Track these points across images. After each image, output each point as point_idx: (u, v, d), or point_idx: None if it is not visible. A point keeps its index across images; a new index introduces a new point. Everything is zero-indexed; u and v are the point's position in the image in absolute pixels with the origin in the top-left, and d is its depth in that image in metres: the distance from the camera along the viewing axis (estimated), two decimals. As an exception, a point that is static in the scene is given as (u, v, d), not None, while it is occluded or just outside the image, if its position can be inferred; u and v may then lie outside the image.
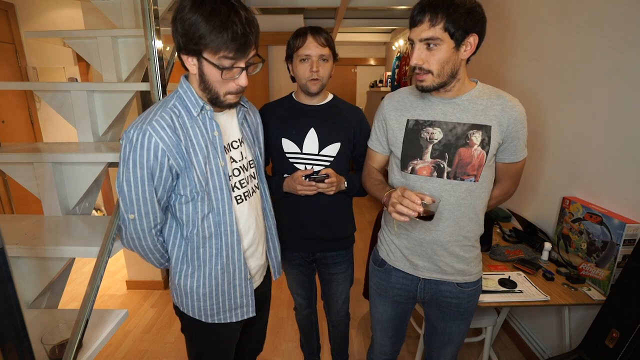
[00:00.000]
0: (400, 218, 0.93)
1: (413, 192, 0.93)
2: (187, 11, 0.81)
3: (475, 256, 1.15)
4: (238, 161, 1.04)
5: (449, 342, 1.23)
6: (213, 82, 0.89)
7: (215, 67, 0.85)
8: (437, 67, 0.96)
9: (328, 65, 1.29)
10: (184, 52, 0.87)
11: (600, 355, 1.25)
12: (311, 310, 1.69)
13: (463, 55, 0.97)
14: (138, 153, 0.85)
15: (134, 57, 1.55)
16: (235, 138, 1.04)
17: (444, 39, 0.93)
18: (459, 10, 0.90)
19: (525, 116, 1.03)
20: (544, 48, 1.86)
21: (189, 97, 0.92)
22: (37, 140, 3.41)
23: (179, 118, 0.90)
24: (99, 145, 1.38)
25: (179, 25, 0.83)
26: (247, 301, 1.08)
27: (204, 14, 0.80)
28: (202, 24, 0.80)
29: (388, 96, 1.18)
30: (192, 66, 0.88)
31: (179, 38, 0.85)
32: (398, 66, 4.54)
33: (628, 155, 1.40)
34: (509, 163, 1.08)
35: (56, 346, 0.89)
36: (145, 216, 0.92)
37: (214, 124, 0.95)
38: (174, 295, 1.07)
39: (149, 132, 0.84)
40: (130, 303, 2.53)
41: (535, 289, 1.42)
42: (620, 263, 1.38)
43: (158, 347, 2.09)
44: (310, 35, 1.24)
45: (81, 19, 2.03)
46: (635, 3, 1.35)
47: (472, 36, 0.94)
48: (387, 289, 1.22)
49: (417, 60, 0.97)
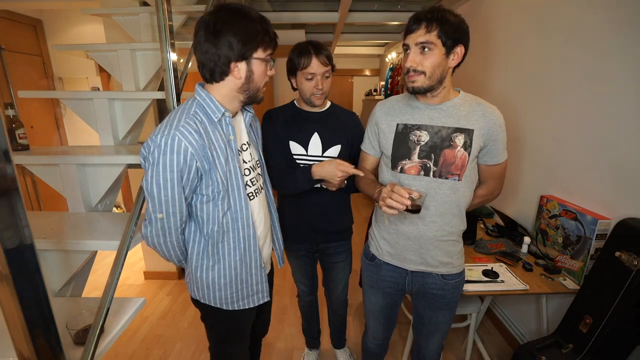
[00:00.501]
0: (389, 211, 0.94)
1: (402, 188, 0.94)
2: (234, 19, 0.85)
3: (459, 250, 1.14)
4: (248, 162, 1.04)
5: (436, 331, 1.23)
6: (258, 78, 0.93)
7: (264, 62, 0.92)
8: (429, 69, 0.97)
9: (329, 81, 1.31)
10: (235, 59, 0.87)
11: (574, 339, 1.25)
12: (313, 297, 1.70)
13: (451, 63, 0.98)
14: (168, 157, 0.83)
15: (151, 68, 1.55)
16: (245, 141, 1.05)
17: (437, 44, 0.95)
18: (450, 22, 0.93)
19: (503, 121, 1.04)
20: (524, 59, 1.86)
21: (209, 104, 0.92)
22: (63, 144, 3.41)
23: (202, 124, 0.89)
24: (119, 148, 1.38)
25: (230, 35, 0.84)
26: (262, 287, 1.09)
27: (252, 19, 0.86)
28: (257, 25, 0.86)
29: (380, 103, 1.19)
30: (241, 71, 0.90)
31: (233, 46, 0.85)
32: (391, 76, 4.54)
33: (600, 156, 1.40)
34: (491, 165, 1.08)
35: (80, 331, 0.89)
36: (173, 216, 0.90)
37: (229, 129, 0.95)
38: (194, 290, 1.05)
39: (178, 137, 0.83)
40: (148, 292, 2.53)
41: (515, 279, 1.42)
42: (593, 256, 1.38)
43: (173, 332, 2.09)
44: (315, 57, 1.23)
45: (103, 34, 2.03)
46: (604, 20, 1.35)
47: (460, 47, 0.96)
48: (378, 281, 1.22)
49: (412, 63, 0.98)
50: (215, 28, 0.84)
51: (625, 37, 1.28)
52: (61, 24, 3.29)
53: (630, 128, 1.26)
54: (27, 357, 0.63)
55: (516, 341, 1.89)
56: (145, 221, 0.93)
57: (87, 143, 2.74)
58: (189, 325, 2.14)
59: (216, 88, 0.93)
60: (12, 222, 0.56)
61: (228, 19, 0.84)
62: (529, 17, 1.81)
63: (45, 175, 1.28)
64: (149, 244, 0.96)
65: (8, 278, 0.57)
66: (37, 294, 0.62)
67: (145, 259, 2.69)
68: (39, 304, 0.63)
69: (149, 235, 0.94)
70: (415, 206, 0.95)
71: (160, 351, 1.94)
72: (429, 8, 0.96)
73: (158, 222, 0.91)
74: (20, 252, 0.58)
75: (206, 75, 0.92)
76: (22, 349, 0.63)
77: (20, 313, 0.60)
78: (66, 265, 1.12)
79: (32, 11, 3.13)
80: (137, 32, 1.66)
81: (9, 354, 0.79)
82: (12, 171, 0.56)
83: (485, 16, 2.25)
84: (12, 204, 0.56)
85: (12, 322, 0.60)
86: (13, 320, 0.60)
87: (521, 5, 1.88)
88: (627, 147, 1.28)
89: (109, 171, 1.28)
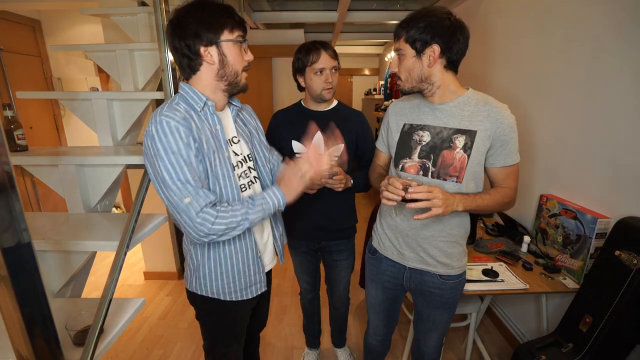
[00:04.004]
0: (387, 203, 0.97)
1: (397, 179, 0.95)
2: (195, 10, 0.87)
3: (459, 252, 1.13)
4: (239, 154, 1.04)
5: (434, 329, 1.23)
6: (234, 61, 0.93)
7: (236, 42, 0.92)
8: (403, 73, 1.04)
9: (337, 75, 1.34)
10: (204, 45, 0.89)
11: (574, 339, 1.25)
12: (314, 295, 1.70)
13: (428, 62, 0.99)
14: (164, 139, 0.82)
15: (150, 69, 1.55)
16: (234, 134, 1.05)
17: (405, 49, 1.00)
18: (417, 25, 0.96)
19: (513, 121, 0.99)
20: (524, 58, 1.86)
21: (191, 95, 0.93)
22: (62, 144, 3.40)
23: (187, 112, 0.90)
24: (118, 148, 1.38)
25: (192, 24, 0.87)
26: (259, 278, 1.09)
27: (211, 6, 0.89)
28: (219, 9, 0.89)
29: (393, 103, 1.22)
30: (213, 56, 0.91)
31: (199, 33, 0.87)
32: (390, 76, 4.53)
33: (600, 155, 1.40)
34: (500, 167, 1.03)
35: (79, 332, 0.89)
36: (197, 193, 0.84)
37: (215, 118, 0.96)
38: (192, 281, 1.05)
39: (166, 119, 0.83)
40: (148, 292, 2.53)
41: (515, 278, 1.42)
42: (592, 255, 1.38)
43: (173, 332, 2.09)
44: (323, 50, 1.28)
45: (101, 34, 2.03)
46: (605, 19, 1.35)
47: (433, 46, 0.97)
48: (378, 275, 1.24)
49: (393, 68, 1.06)
50: (178, 21, 0.88)
51: (625, 36, 1.28)
52: (60, 24, 3.28)
53: (630, 127, 1.26)
54: (25, 358, 0.63)
55: (516, 340, 1.89)
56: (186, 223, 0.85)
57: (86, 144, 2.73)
58: (189, 326, 2.14)
59: (196, 80, 0.95)
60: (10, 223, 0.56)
61: (188, 10, 0.88)
62: (528, 16, 1.81)
63: (44, 176, 1.28)
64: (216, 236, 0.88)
65: (6, 278, 0.57)
66: (36, 294, 0.62)
67: (145, 259, 2.69)
68: (38, 305, 0.63)
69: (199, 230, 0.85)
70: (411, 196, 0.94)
71: (160, 351, 1.94)
72: (410, 13, 1.01)
73: (191, 208, 0.83)
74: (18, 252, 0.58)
75: (185, 71, 0.94)
76: (21, 350, 0.63)
77: (19, 313, 0.60)
78: (65, 266, 1.12)
79: (31, 12, 3.13)
80: (135, 32, 1.65)
81: (8, 355, 0.79)
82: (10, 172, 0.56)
83: (485, 15, 2.24)
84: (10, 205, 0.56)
85: (11, 322, 0.60)
86: (11, 321, 0.60)
87: (521, 4, 1.88)
88: (627, 146, 1.28)
89: (108, 172, 1.28)
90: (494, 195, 1.03)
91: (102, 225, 1.18)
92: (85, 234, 1.10)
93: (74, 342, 0.89)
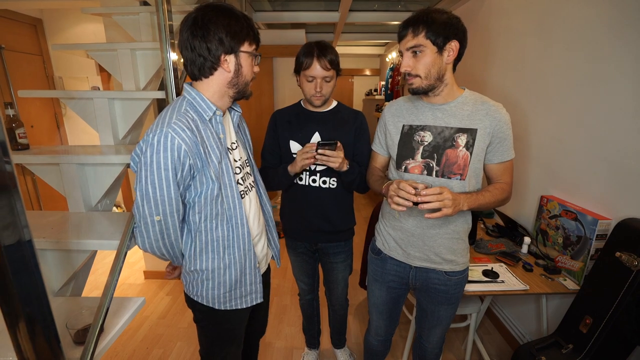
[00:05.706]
0: (398, 208, 0.97)
1: (407, 183, 0.96)
2: (223, 17, 0.87)
3: (463, 248, 1.16)
4: (238, 160, 1.04)
5: (438, 324, 1.25)
6: (247, 72, 0.95)
7: (251, 55, 0.95)
8: (423, 71, 1.00)
9: (331, 84, 1.29)
10: (225, 52, 0.89)
11: (574, 340, 1.25)
12: (313, 296, 1.70)
13: (447, 59, 0.99)
14: (162, 155, 0.82)
15: (151, 68, 1.55)
16: (233, 140, 1.05)
17: (427, 45, 0.97)
18: (437, 21, 0.95)
19: (508, 118, 1.04)
20: (524, 60, 1.86)
21: (200, 103, 0.92)
22: (63, 143, 3.41)
23: (193, 122, 0.88)
24: (119, 147, 1.38)
25: (219, 30, 0.87)
26: (256, 288, 1.08)
27: (237, 16, 0.89)
28: (243, 21, 0.90)
29: (388, 105, 1.21)
30: (230, 64, 0.91)
31: (223, 40, 0.88)
32: (391, 76, 4.54)
33: (600, 157, 1.40)
34: (498, 163, 1.08)
35: (80, 330, 0.89)
36: (171, 215, 0.89)
37: (219, 127, 0.95)
38: (189, 288, 1.05)
39: (171, 134, 0.82)
40: (148, 291, 2.53)
41: (515, 279, 1.42)
42: (593, 256, 1.38)
43: (173, 332, 2.09)
44: (316, 59, 1.22)
45: (103, 33, 2.02)
46: (605, 19, 1.35)
47: (453, 42, 0.97)
48: (383, 275, 1.24)
49: (406, 67, 1.02)
50: (203, 23, 0.86)
51: (625, 37, 1.27)
52: (61, 23, 3.29)
53: (631, 128, 1.26)
54: (26, 357, 0.63)
55: (516, 341, 1.88)
56: (137, 229, 0.90)
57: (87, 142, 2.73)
58: (189, 325, 2.14)
59: (205, 85, 0.93)
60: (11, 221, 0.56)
61: (215, 15, 0.88)
62: (529, 17, 1.81)
63: (45, 175, 1.28)
64: (148, 250, 0.93)
65: (7, 277, 0.57)
66: (37, 293, 0.62)
67: (146, 258, 2.69)
68: (38, 303, 0.63)
69: (147, 241, 0.91)
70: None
71: (160, 351, 1.94)
72: (416, 12, 0.99)
73: (156, 226, 0.88)
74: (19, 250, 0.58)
75: (195, 72, 0.92)
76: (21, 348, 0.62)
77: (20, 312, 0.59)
78: (66, 265, 1.12)
79: (33, 10, 3.13)
80: (137, 32, 1.65)
81: (8, 354, 0.79)
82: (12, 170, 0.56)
83: (485, 16, 2.24)
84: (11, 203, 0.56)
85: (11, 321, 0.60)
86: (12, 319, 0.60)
87: (521, 6, 1.88)
88: (627, 147, 1.28)
89: (109, 171, 1.28)
90: (494, 192, 1.06)
91: (102, 224, 1.18)
92: (85, 233, 1.10)
93: (74, 340, 0.89)
